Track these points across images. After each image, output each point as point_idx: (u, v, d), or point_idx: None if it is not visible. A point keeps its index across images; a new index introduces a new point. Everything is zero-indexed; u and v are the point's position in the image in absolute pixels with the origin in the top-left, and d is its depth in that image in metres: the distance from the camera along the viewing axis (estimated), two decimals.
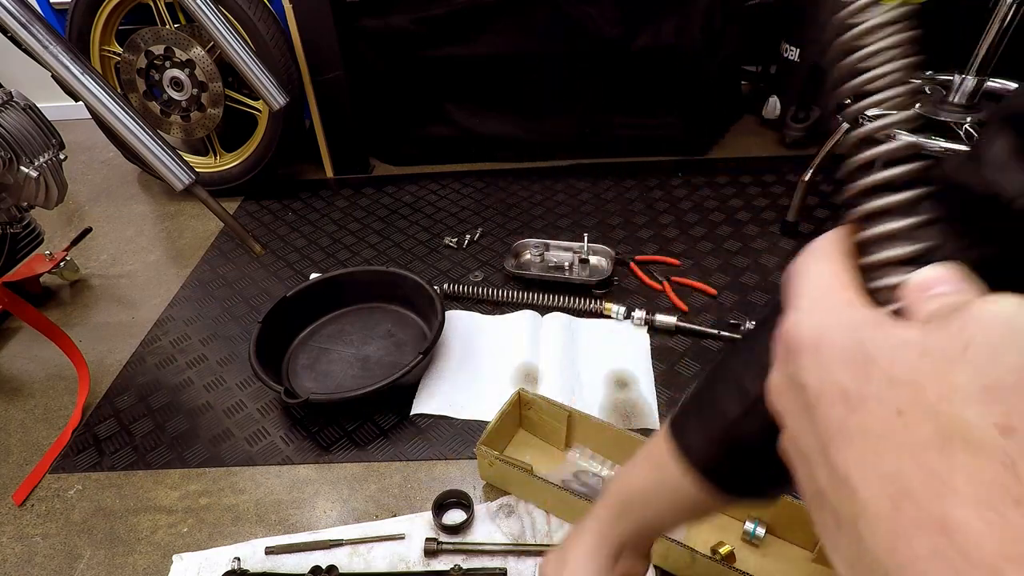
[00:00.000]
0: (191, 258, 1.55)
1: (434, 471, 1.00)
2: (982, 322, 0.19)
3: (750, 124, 2.01)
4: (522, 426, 1.03)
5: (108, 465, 1.04)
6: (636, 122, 1.81)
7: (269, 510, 0.96)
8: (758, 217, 1.59)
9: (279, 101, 1.52)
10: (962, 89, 1.21)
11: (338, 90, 1.72)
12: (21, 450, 1.09)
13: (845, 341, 0.22)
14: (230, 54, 1.45)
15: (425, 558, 0.87)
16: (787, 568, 0.83)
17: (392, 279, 1.28)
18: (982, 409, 0.18)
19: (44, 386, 1.21)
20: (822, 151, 1.38)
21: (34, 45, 1.14)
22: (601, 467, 0.97)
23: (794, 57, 1.77)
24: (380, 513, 0.94)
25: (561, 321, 1.24)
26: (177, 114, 1.67)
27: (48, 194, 1.14)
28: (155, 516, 0.96)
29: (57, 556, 0.92)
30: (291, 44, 1.63)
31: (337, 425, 1.08)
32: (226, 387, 1.17)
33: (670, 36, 1.65)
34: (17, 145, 1.06)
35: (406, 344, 1.22)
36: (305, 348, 1.23)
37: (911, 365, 0.20)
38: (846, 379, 0.21)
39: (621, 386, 1.10)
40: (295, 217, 1.69)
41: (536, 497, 0.92)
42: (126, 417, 1.13)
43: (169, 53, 1.58)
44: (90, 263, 1.57)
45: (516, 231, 1.57)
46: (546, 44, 1.68)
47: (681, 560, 0.79)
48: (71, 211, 1.80)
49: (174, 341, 1.29)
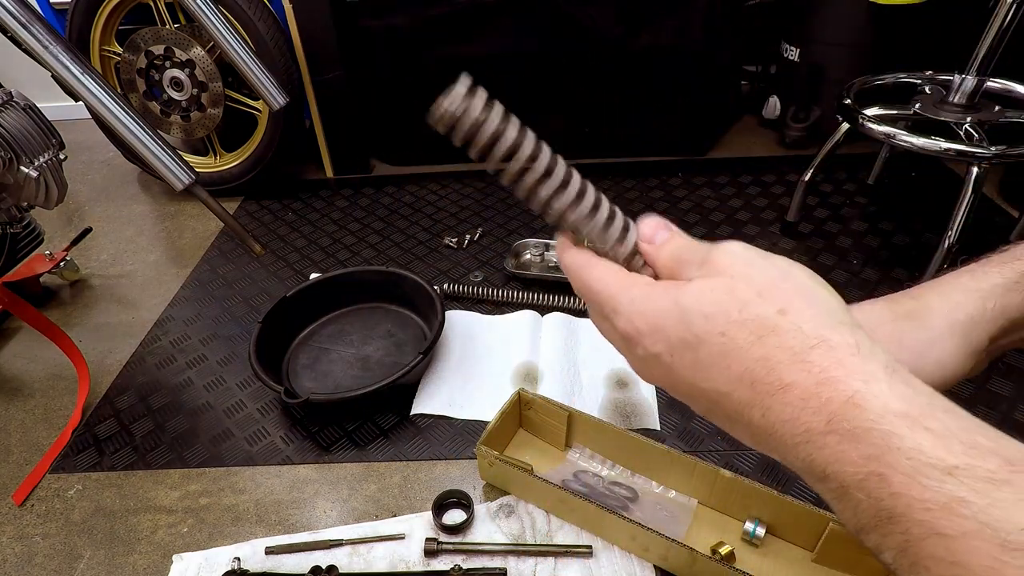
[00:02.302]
0: (191, 258, 1.55)
1: (434, 471, 1.00)
2: (729, 259, 0.30)
3: (750, 124, 2.01)
4: (522, 426, 1.03)
5: (108, 465, 1.04)
6: (636, 122, 1.81)
7: (269, 510, 0.96)
8: (758, 217, 1.59)
9: (279, 101, 1.52)
10: (962, 89, 1.21)
11: (338, 90, 1.72)
12: (21, 450, 1.09)
13: (665, 310, 0.30)
14: (230, 54, 1.45)
15: (425, 558, 0.87)
16: (787, 568, 0.83)
17: (392, 279, 1.28)
18: (765, 306, 0.28)
19: (44, 386, 1.21)
20: (822, 151, 1.38)
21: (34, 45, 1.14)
22: (601, 467, 0.97)
23: (794, 57, 1.77)
24: (380, 513, 0.94)
25: (561, 321, 1.24)
26: (177, 114, 1.67)
27: (48, 194, 1.14)
28: (155, 516, 0.96)
29: (57, 556, 0.92)
30: (291, 44, 1.63)
31: (337, 425, 1.08)
32: (226, 387, 1.17)
33: (670, 36, 1.65)
34: (17, 145, 1.06)
35: (406, 344, 1.22)
36: (305, 348, 1.23)
37: (711, 299, 0.29)
38: (681, 332, 0.29)
39: (621, 386, 1.10)
40: (295, 217, 1.69)
41: (536, 497, 0.92)
42: (126, 417, 1.13)
43: (169, 53, 1.58)
44: (90, 263, 1.57)
45: (516, 231, 1.57)
46: (546, 44, 1.68)
47: (681, 560, 0.79)
48: (71, 211, 1.80)
49: (174, 341, 1.29)
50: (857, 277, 1.37)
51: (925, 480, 0.22)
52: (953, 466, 0.22)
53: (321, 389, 1.13)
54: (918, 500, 0.22)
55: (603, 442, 0.96)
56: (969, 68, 1.19)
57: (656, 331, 0.30)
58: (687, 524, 0.88)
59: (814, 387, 0.26)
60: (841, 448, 0.25)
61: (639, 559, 0.84)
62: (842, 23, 1.65)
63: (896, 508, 0.23)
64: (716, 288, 0.29)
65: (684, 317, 0.29)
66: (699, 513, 0.90)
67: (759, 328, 0.27)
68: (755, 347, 0.27)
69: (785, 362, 0.26)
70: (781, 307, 0.28)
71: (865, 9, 1.57)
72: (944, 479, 0.22)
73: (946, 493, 0.22)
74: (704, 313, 0.29)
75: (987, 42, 1.15)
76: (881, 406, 0.24)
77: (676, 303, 0.30)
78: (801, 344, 0.26)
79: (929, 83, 1.33)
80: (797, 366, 0.26)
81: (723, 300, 0.28)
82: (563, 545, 0.86)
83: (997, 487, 0.21)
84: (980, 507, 0.21)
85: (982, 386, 1.08)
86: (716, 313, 0.28)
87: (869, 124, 1.23)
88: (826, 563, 0.82)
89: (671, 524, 0.87)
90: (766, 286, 0.28)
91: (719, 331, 0.28)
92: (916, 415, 0.24)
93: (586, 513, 0.86)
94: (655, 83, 1.73)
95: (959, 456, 0.22)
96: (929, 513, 0.22)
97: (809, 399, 0.26)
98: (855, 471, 0.24)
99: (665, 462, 0.91)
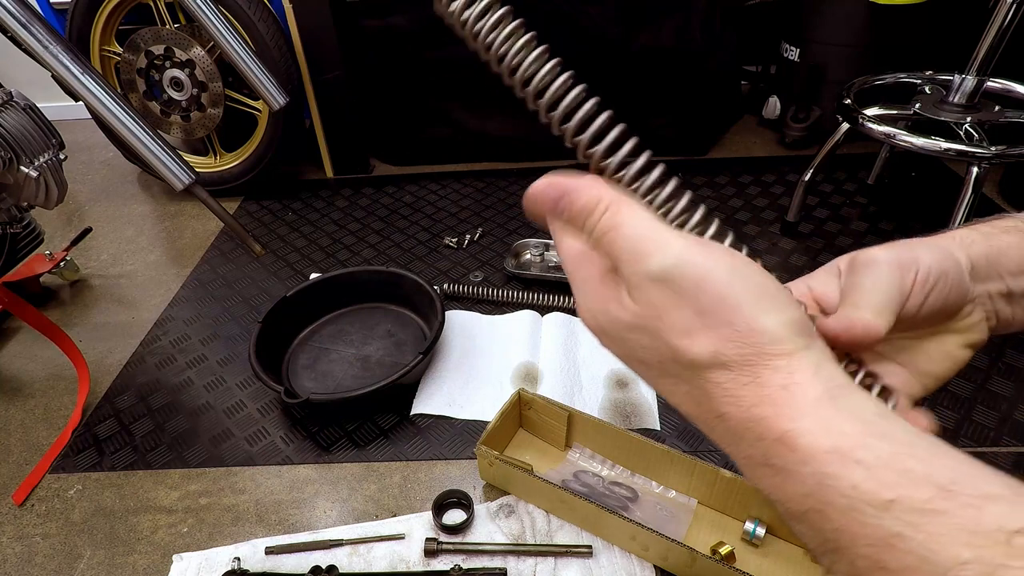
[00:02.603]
0: (191, 258, 1.55)
1: (434, 471, 1.00)
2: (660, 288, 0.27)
3: (750, 124, 2.01)
4: (522, 426, 1.03)
5: (108, 465, 1.04)
6: (636, 122, 1.80)
7: (269, 510, 0.96)
8: (758, 217, 1.59)
9: (279, 101, 1.52)
10: (962, 89, 1.21)
11: (338, 90, 1.72)
12: (21, 450, 1.09)
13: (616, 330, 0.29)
14: (230, 54, 1.45)
15: (425, 558, 0.87)
16: (787, 568, 0.83)
17: (392, 279, 1.28)
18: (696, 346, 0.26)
19: (44, 386, 1.21)
20: (822, 151, 1.38)
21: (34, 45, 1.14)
22: (601, 467, 0.97)
23: (794, 57, 1.77)
24: (380, 513, 0.94)
25: (561, 321, 1.24)
26: (177, 114, 1.67)
27: (48, 194, 1.14)
28: (155, 516, 0.96)
29: (57, 556, 0.92)
30: (291, 44, 1.63)
31: (337, 425, 1.08)
32: (226, 387, 1.17)
33: (670, 36, 1.65)
34: (17, 145, 1.06)
35: (406, 344, 1.22)
36: (305, 348, 1.23)
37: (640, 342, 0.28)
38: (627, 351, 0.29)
39: (621, 386, 1.10)
40: (295, 217, 1.69)
41: (536, 497, 0.91)
42: (126, 417, 1.13)
43: (169, 53, 1.58)
44: (90, 263, 1.57)
45: (516, 231, 1.57)
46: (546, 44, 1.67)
47: (681, 560, 0.79)
48: (71, 211, 1.80)
49: (174, 341, 1.29)
50: None
51: (862, 517, 0.22)
52: (888, 500, 0.22)
53: (321, 389, 1.13)
54: (859, 536, 0.22)
55: (603, 442, 0.96)
56: (969, 68, 1.19)
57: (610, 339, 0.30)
58: (687, 524, 0.88)
59: (745, 422, 0.25)
60: (777, 482, 0.25)
61: (639, 559, 0.84)
62: (842, 23, 1.65)
63: (840, 541, 0.23)
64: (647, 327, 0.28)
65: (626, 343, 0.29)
66: (699, 513, 0.90)
67: (692, 366, 0.27)
68: (692, 377, 0.27)
69: (718, 396, 0.26)
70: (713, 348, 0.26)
71: (865, 9, 1.57)
72: (880, 515, 0.22)
73: (884, 529, 0.22)
74: (641, 344, 0.28)
75: (987, 42, 1.15)
76: (809, 444, 0.24)
77: (620, 329, 0.29)
78: (732, 382, 0.26)
79: (929, 83, 1.33)
80: (728, 399, 0.26)
81: (655, 344, 0.28)
82: (563, 545, 0.86)
83: (932, 519, 0.21)
84: (918, 542, 0.21)
85: (982, 386, 1.08)
86: (650, 354, 0.28)
87: (869, 124, 1.23)
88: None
89: (671, 524, 0.87)
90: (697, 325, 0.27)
91: (657, 362, 0.28)
92: (846, 449, 0.23)
93: (586, 513, 0.86)
94: (655, 83, 1.73)
95: (892, 488, 0.22)
96: (871, 548, 0.22)
97: (743, 433, 0.26)
98: (797, 504, 0.24)
99: (665, 462, 0.91)
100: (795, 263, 1.42)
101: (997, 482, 0.22)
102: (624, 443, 0.93)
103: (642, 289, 0.27)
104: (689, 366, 0.27)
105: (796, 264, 1.42)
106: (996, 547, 0.20)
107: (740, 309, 0.25)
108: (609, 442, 0.95)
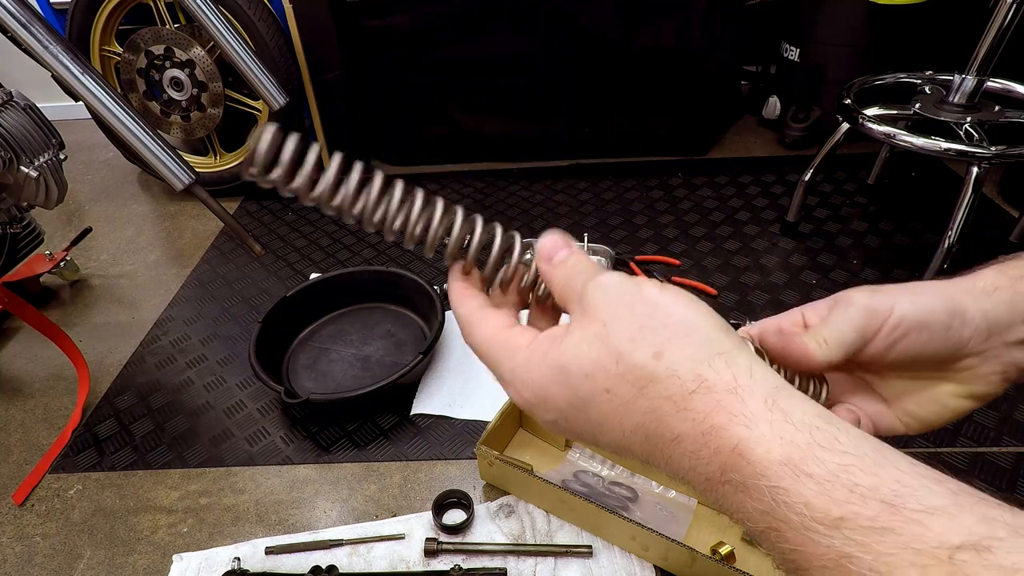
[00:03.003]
0: (191, 258, 1.55)
1: (434, 471, 1.00)
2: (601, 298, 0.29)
3: (750, 124, 2.01)
4: (522, 426, 1.03)
5: (108, 465, 1.04)
6: (636, 122, 1.81)
7: (269, 510, 0.96)
8: (758, 217, 1.59)
9: (279, 101, 1.52)
10: (962, 89, 1.21)
11: (338, 90, 1.72)
12: (21, 450, 1.09)
13: (547, 377, 0.29)
14: (230, 54, 1.45)
15: (425, 558, 0.87)
16: None
17: (392, 279, 1.28)
18: (640, 352, 0.26)
19: (44, 386, 1.21)
20: (822, 151, 1.38)
21: (34, 45, 1.14)
22: (601, 467, 0.97)
23: (794, 57, 1.77)
24: (380, 513, 0.94)
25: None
26: (177, 114, 1.67)
27: (48, 194, 1.14)
28: (155, 516, 0.96)
29: (57, 556, 0.92)
30: (291, 44, 1.63)
31: (337, 425, 1.08)
32: (226, 387, 1.17)
33: (670, 36, 1.65)
34: (17, 145, 1.06)
35: (406, 344, 1.22)
36: (305, 348, 1.23)
37: (587, 356, 0.28)
38: (568, 397, 0.28)
39: None
40: (295, 217, 1.69)
41: (536, 497, 0.91)
42: (126, 417, 1.13)
43: (169, 53, 1.58)
44: (90, 263, 1.57)
45: (516, 231, 1.56)
46: (546, 44, 1.68)
47: (681, 560, 0.79)
48: (71, 211, 1.80)
49: (174, 341, 1.29)
50: (857, 277, 1.37)
51: (815, 536, 0.22)
52: (838, 518, 0.22)
53: (321, 389, 1.13)
54: (814, 556, 0.22)
55: None
56: (969, 68, 1.19)
57: (544, 401, 0.29)
58: (687, 524, 0.88)
59: (701, 437, 0.25)
60: (737, 499, 0.25)
61: (639, 559, 0.84)
62: (842, 23, 1.65)
63: (798, 561, 0.23)
64: (591, 341, 0.28)
65: (567, 380, 0.28)
66: (699, 513, 0.90)
67: (638, 379, 0.27)
68: (640, 400, 0.27)
69: (670, 412, 0.26)
70: (656, 350, 0.26)
71: (865, 9, 1.57)
72: (832, 534, 0.22)
73: (836, 550, 0.22)
74: (584, 372, 0.28)
75: (987, 42, 1.15)
76: (763, 455, 0.24)
77: (555, 367, 0.29)
78: (680, 390, 0.26)
79: (929, 83, 1.33)
80: (681, 415, 0.26)
81: (599, 354, 0.27)
82: (563, 545, 0.86)
83: (880, 537, 0.21)
84: (868, 563, 0.21)
85: None
86: (595, 371, 0.27)
87: (869, 124, 1.23)
88: None
89: (671, 524, 0.87)
90: (637, 328, 0.27)
91: (603, 388, 0.27)
92: (798, 460, 0.23)
93: (586, 513, 0.86)
94: (655, 83, 1.73)
95: (842, 505, 0.22)
96: (826, 571, 0.22)
97: (700, 450, 0.25)
98: (754, 524, 0.24)
99: None
100: (795, 263, 1.42)
101: (940, 491, 0.22)
102: None
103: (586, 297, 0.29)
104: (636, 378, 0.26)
105: (796, 264, 1.42)
106: (940, 566, 0.20)
107: (671, 314, 0.27)
108: None
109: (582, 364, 0.28)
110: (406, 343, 1.22)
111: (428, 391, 1.12)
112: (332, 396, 1.07)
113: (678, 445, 0.26)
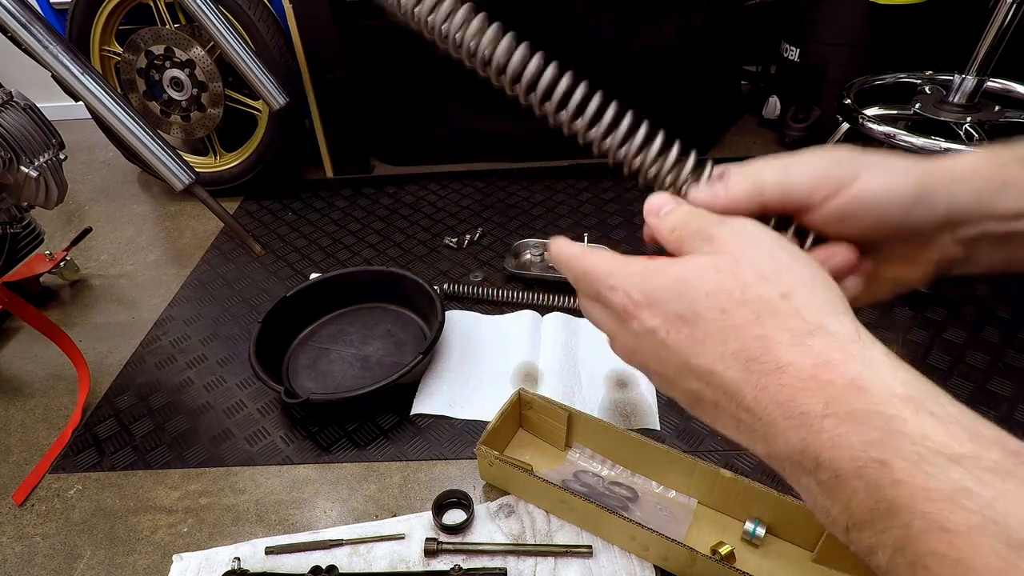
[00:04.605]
0: (191, 258, 1.55)
1: (434, 471, 1.00)
2: (738, 238, 0.30)
3: (750, 124, 2.01)
4: (522, 426, 1.03)
5: (108, 465, 1.04)
6: None
7: (269, 510, 0.96)
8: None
9: (279, 101, 1.52)
10: (962, 89, 1.21)
11: (338, 90, 1.72)
12: (21, 450, 1.09)
13: (664, 285, 0.30)
14: (230, 54, 1.45)
15: (425, 558, 0.87)
16: (787, 568, 0.83)
17: (392, 279, 1.28)
18: (768, 288, 0.27)
19: (44, 386, 1.21)
20: None
21: (34, 45, 1.14)
22: (601, 467, 0.97)
23: (794, 57, 1.77)
24: (380, 513, 0.94)
25: (561, 321, 1.24)
26: (177, 114, 1.67)
27: (48, 194, 1.14)
28: (155, 516, 0.96)
29: (57, 556, 0.92)
30: (291, 44, 1.63)
31: (337, 425, 1.08)
32: (226, 387, 1.17)
33: (670, 36, 1.65)
34: (17, 145, 1.06)
35: (406, 344, 1.22)
36: (305, 348, 1.23)
37: (713, 278, 0.28)
38: (679, 308, 0.29)
39: (621, 386, 1.10)
40: (295, 217, 1.69)
41: (536, 497, 0.91)
42: (126, 417, 1.13)
43: (169, 53, 1.58)
44: (90, 263, 1.57)
45: (516, 231, 1.57)
46: (546, 44, 1.67)
47: (681, 560, 0.79)
48: (71, 211, 1.80)
49: (174, 341, 1.29)
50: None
51: (930, 468, 0.21)
52: (959, 454, 0.21)
53: (321, 389, 1.13)
54: (922, 489, 0.21)
55: (603, 442, 0.96)
56: (969, 68, 1.19)
57: (654, 304, 0.30)
58: (687, 524, 0.88)
59: (812, 368, 0.25)
60: (839, 432, 0.24)
61: (639, 559, 0.84)
62: (842, 23, 1.65)
63: (898, 498, 0.22)
64: (720, 267, 0.29)
65: (685, 292, 0.29)
66: (699, 513, 0.90)
67: (760, 309, 0.27)
68: (754, 326, 0.27)
69: (784, 343, 0.26)
70: (784, 291, 0.27)
71: (865, 9, 1.57)
72: (949, 467, 0.21)
73: (951, 483, 0.21)
74: (705, 291, 0.28)
75: (987, 42, 1.15)
76: (884, 388, 0.24)
77: (677, 278, 0.29)
78: (801, 327, 0.26)
79: (929, 83, 1.33)
80: (796, 347, 0.26)
81: (725, 280, 0.28)
82: (563, 545, 0.86)
83: (1003, 478, 0.20)
84: (986, 500, 0.20)
85: (982, 386, 1.08)
86: (717, 291, 0.28)
87: (869, 124, 1.23)
88: (826, 563, 0.82)
89: (671, 524, 0.87)
90: (771, 269, 0.28)
91: (719, 308, 0.28)
92: (920, 399, 0.23)
93: (586, 513, 0.86)
94: (655, 83, 1.73)
95: (964, 444, 0.21)
96: (933, 504, 0.21)
97: (807, 380, 0.25)
98: (853, 457, 0.23)
99: (665, 462, 0.91)
100: None
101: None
102: (624, 443, 0.93)
103: (718, 236, 0.30)
104: (757, 308, 0.27)
105: None
106: None
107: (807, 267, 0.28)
108: (609, 442, 0.95)
109: (705, 283, 0.28)
110: (406, 343, 1.22)
111: (428, 391, 1.12)
112: (332, 396, 1.07)
113: (781, 375, 0.26)
